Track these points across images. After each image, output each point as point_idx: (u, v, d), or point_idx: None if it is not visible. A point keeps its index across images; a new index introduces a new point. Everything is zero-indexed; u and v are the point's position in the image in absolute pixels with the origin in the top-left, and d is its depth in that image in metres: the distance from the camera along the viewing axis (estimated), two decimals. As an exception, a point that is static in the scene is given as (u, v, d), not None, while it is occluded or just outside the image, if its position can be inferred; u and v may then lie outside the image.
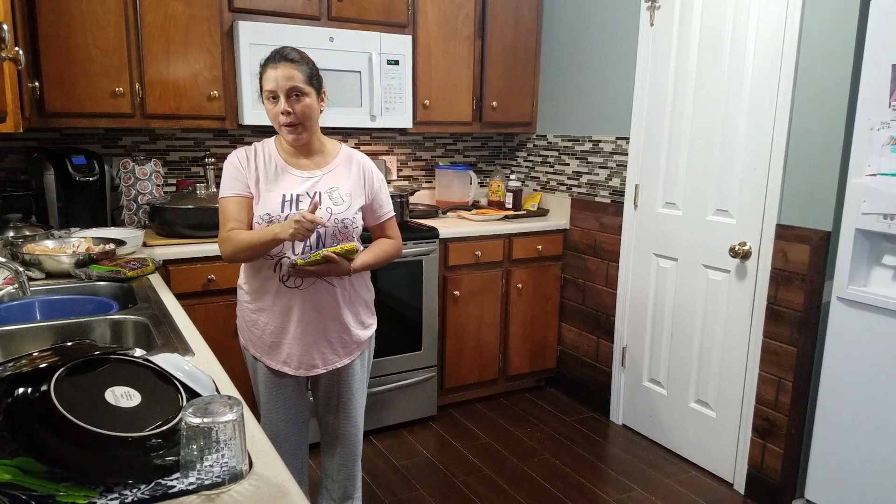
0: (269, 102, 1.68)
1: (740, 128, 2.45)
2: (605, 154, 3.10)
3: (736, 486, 2.55)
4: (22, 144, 2.64)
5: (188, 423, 0.89)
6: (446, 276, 3.03)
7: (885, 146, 1.90)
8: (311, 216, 1.58)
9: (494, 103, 3.31)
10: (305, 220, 1.56)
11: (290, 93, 1.65)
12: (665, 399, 2.87)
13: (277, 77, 1.64)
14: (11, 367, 0.94)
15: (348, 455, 1.97)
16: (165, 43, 2.52)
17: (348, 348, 1.85)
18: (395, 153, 3.49)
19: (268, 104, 1.68)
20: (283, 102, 1.65)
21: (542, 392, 3.45)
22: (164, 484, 0.89)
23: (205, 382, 1.12)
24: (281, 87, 1.64)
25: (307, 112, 1.68)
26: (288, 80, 1.64)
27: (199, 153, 2.97)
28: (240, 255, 1.70)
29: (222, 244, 1.72)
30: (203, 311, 2.45)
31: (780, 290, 2.34)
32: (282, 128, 1.69)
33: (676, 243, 2.76)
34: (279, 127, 1.69)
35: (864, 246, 2.03)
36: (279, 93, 1.65)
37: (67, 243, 2.08)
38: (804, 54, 2.21)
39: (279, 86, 1.64)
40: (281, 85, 1.64)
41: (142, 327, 1.57)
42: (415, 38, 3.04)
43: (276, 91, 1.65)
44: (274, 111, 1.67)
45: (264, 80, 1.68)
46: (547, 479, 2.60)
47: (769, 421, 2.41)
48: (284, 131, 1.69)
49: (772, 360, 2.39)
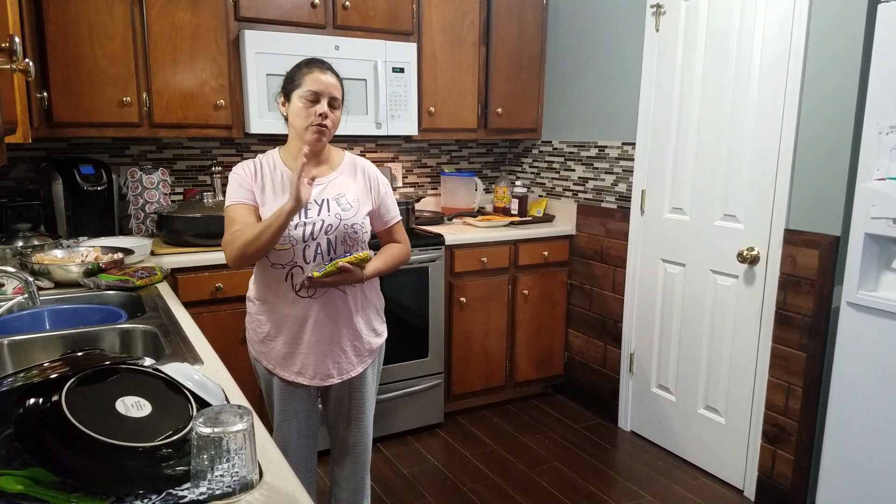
0: (305, 102, 1.68)
1: (747, 132, 2.44)
2: (611, 160, 3.10)
3: (746, 493, 2.53)
4: (30, 154, 2.65)
5: (199, 432, 0.88)
6: (452, 282, 3.03)
7: (893, 150, 1.89)
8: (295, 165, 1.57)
9: (499, 110, 3.31)
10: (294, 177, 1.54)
11: (331, 101, 1.70)
12: (674, 405, 2.85)
13: (325, 82, 1.69)
14: (22, 378, 0.94)
15: (358, 464, 1.96)
16: (172, 52, 2.54)
17: (361, 356, 1.84)
18: (400, 160, 3.50)
19: (302, 103, 1.68)
20: (324, 105, 1.69)
21: (550, 399, 3.43)
22: (174, 494, 0.89)
23: (214, 392, 1.12)
24: (326, 91, 1.69)
25: (336, 122, 1.74)
26: (333, 87, 1.71)
27: (205, 162, 2.99)
28: (249, 248, 1.62)
29: (227, 246, 1.68)
30: (211, 319, 2.45)
31: (788, 296, 2.33)
32: (310, 128, 1.68)
33: (684, 249, 2.75)
34: (306, 128, 1.68)
35: (873, 250, 2.01)
36: (322, 97, 1.68)
37: (76, 253, 2.09)
38: (811, 58, 2.21)
39: (324, 90, 1.68)
40: (326, 90, 1.69)
41: (150, 336, 1.57)
42: (420, 45, 3.05)
43: (320, 93, 1.68)
44: (310, 111, 1.68)
45: (307, 80, 1.68)
46: (555, 487, 2.59)
47: (779, 427, 2.39)
48: (310, 131, 1.69)
49: (781, 365, 2.37)
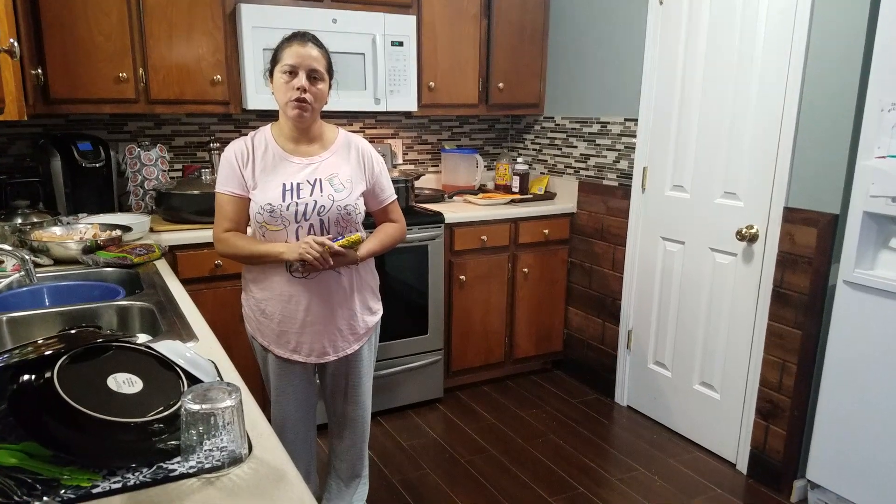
0: (284, 76, 1.66)
1: (749, 109, 2.41)
2: (613, 136, 3.07)
3: (739, 467, 2.57)
4: (28, 131, 2.65)
5: (188, 409, 0.90)
6: (452, 260, 3.04)
7: (895, 127, 1.87)
8: (322, 240, 1.64)
9: (501, 84, 3.28)
10: (315, 244, 1.62)
11: (311, 73, 1.66)
12: (670, 381, 2.87)
13: (302, 54, 1.65)
14: (17, 355, 0.96)
15: (357, 437, 2.00)
16: (168, 27, 2.52)
17: (357, 334, 1.86)
18: (400, 136, 3.48)
19: (282, 78, 1.66)
20: (302, 78, 1.65)
21: (549, 375, 3.47)
22: (165, 467, 0.91)
23: (206, 368, 1.13)
24: (304, 64, 1.65)
25: (319, 96, 1.70)
26: (312, 60, 1.66)
27: (203, 138, 2.98)
28: (237, 259, 1.77)
29: (218, 243, 1.75)
30: (211, 296, 2.48)
31: (786, 274, 2.33)
32: (290, 103, 1.66)
33: (684, 226, 2.74)
34: (287, 103, 1.67)
35: (871, 229, 2.00)
36: (300, 69, 1.65)
37: (75, 230, 2.10)
38: (815, 35, 2.17)
39: (302, 63, 1.65)
40: (304, 63, 1.65)
41: (147, 313, 1.59)
42: (419, 18, 3.01)
43: (297, 67, 1.65)
44: (289, 86, 1.65)
45: (285, 54, 1.66)
46: (552, 460, 2.63)
47: (773, 403, 2.41)
48: (291, 107, 1.66)
49: (777, 343, 2.38)
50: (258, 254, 1.70)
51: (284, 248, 1.67)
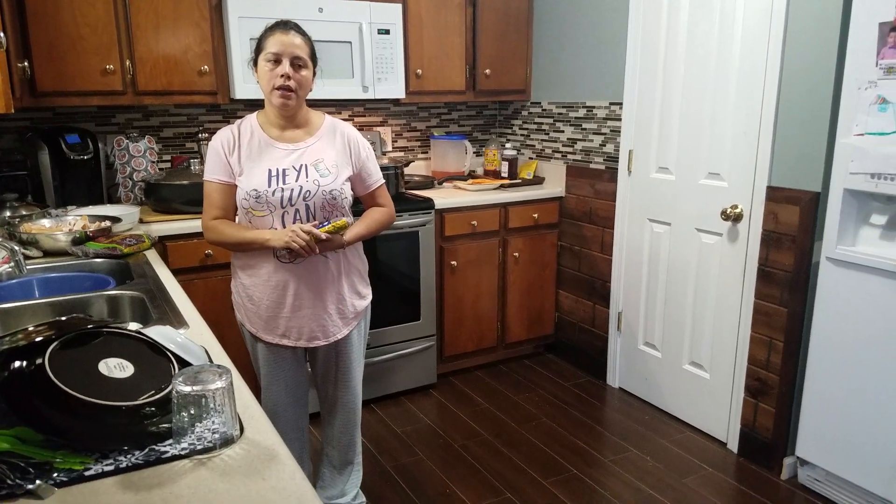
0: (267, 64, 1.68)
1: (730, 90, 2.43)
2: (598, 120, 3.09)
3: (729, 445, 2.61)
4: (15, 125, 2.65)
5: (179, 391, 0.92)
6: (443, 246, 3.06)
7: (872, 105, 1.89)
8: (308, 227, 1.65)
9: (488, 71, 3.29)
10: (301, 232, 1.64)
11: (294, 61, 1.69)
12: (660, 362, 2.91)
13: (285, 42, 1.68)
14: (8, 342, 0.97)
15: (348, 423, 2.02)
16: (154, 18, 2.51)
17: (346, 319, 1.88)
18: (389, 124, 3.48)
19: (266, 66, 1.68)
20: (285, 66, 1.67)
21: (541, 358, 3.50)
22: (157, 450, 0.93)
23: (197, 353, 1.15)
24: (287, 52, 1.67)
25: (303, 83, 1.72)
26: (295, 47, 1.69)
27: (192, 129, 2.98)
28: (224, 246, 1.80)
29: (207, 231, 1.78)
30: (202, 286, 2.49)
31: (770, 252, 2.36)
32: (274, 91, 1.69)
33: (670, 208, 2.77)
34: (271, 91, 1.69)
35: (852, 206, 2.03)
36: (283, 57, 1.67)
37: (64, 221, 2.11)
38: (793, 15, 2.18)
39: (285, 50, 1.67)
40: (287, 50, 1.67)
41: (138, 302, 1.60)
42: (405, 6, 3.01)
43: (280, 54, 1.67)
44: (272, 73, 1.68)
45: (269, 42, 1.68)
46: (544, 442, 2.67)
47: (761, 381, 2.45)
48: (276, 95, 1.69)
49: (763, 321, 2.42)
50: (245, 241, 1.73)
51: (270, 236, 1.69)
